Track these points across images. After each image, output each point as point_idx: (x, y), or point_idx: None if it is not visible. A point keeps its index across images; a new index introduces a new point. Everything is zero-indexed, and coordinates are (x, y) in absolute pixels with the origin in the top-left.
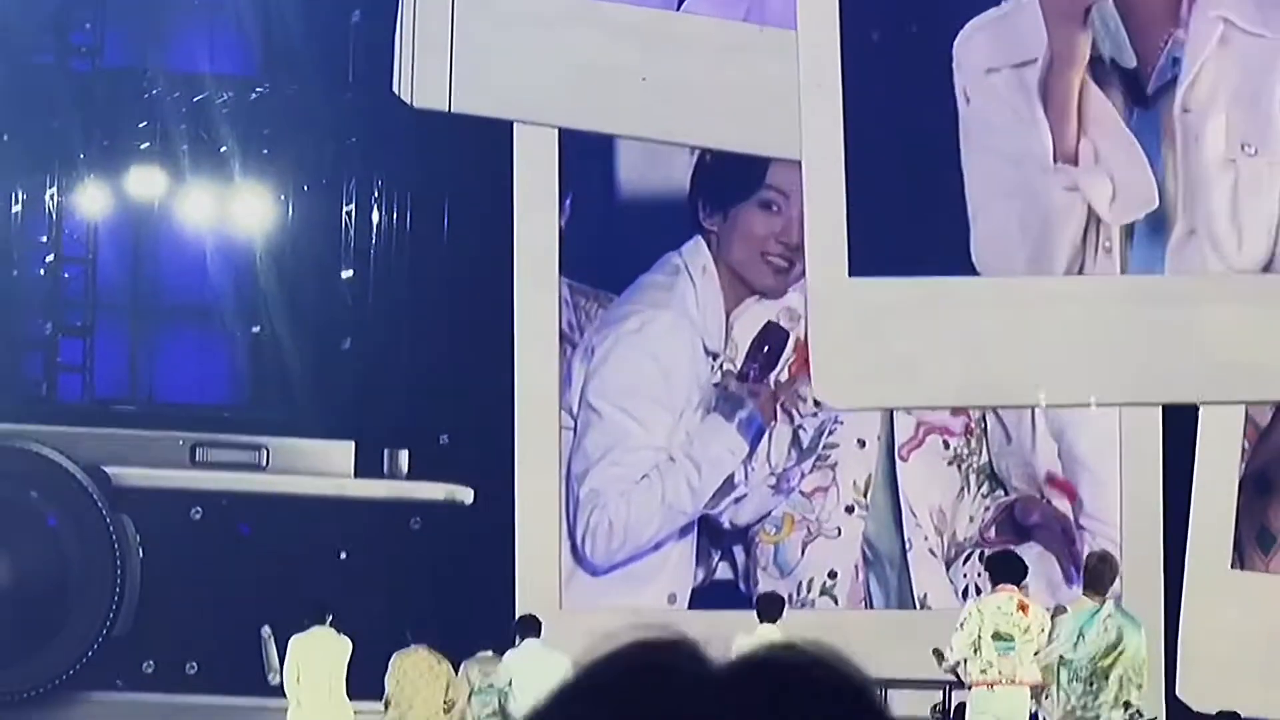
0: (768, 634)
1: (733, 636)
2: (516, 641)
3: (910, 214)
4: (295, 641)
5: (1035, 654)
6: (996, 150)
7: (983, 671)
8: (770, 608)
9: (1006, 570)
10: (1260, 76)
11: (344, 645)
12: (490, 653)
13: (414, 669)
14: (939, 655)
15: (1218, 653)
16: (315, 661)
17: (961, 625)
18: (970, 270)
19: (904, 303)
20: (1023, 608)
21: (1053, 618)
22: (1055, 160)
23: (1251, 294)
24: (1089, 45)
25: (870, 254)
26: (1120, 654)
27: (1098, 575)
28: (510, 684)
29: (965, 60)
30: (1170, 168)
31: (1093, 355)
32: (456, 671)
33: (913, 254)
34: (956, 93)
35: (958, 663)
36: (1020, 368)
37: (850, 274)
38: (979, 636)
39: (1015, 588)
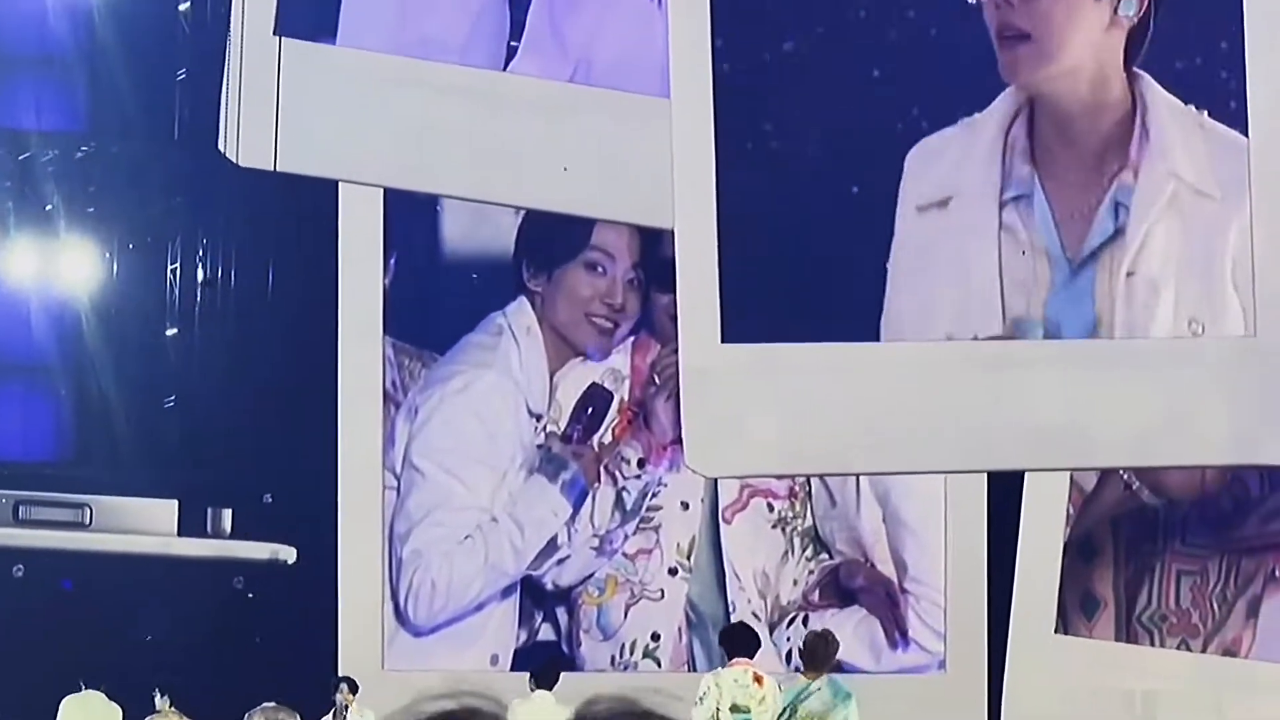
0: (542, 699)
1: (511, 703)
2: (339, 700)
3: (784, 280)
4: (66, 703)
5: None
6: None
7: None
8: (545, 675)
9: (741, 643)
10: (1209, 244)
11: (113, 712)
12: (274, 704)
13: None
14: None
15: (1041, 718)
16: None
17: (701, 699)
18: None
19: (776, 369)
20: (758, 679)
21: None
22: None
23: (1076, 360)
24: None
25: (744, 320)
26: None
27: (814, 653)
28: None
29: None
30: (1104, 327)
31: (918, 420)
32: None
33: (785, 320)
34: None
35: None
36: (849, 432)
37: (723, 340)
38: (717, 709)
39: (750, 660)
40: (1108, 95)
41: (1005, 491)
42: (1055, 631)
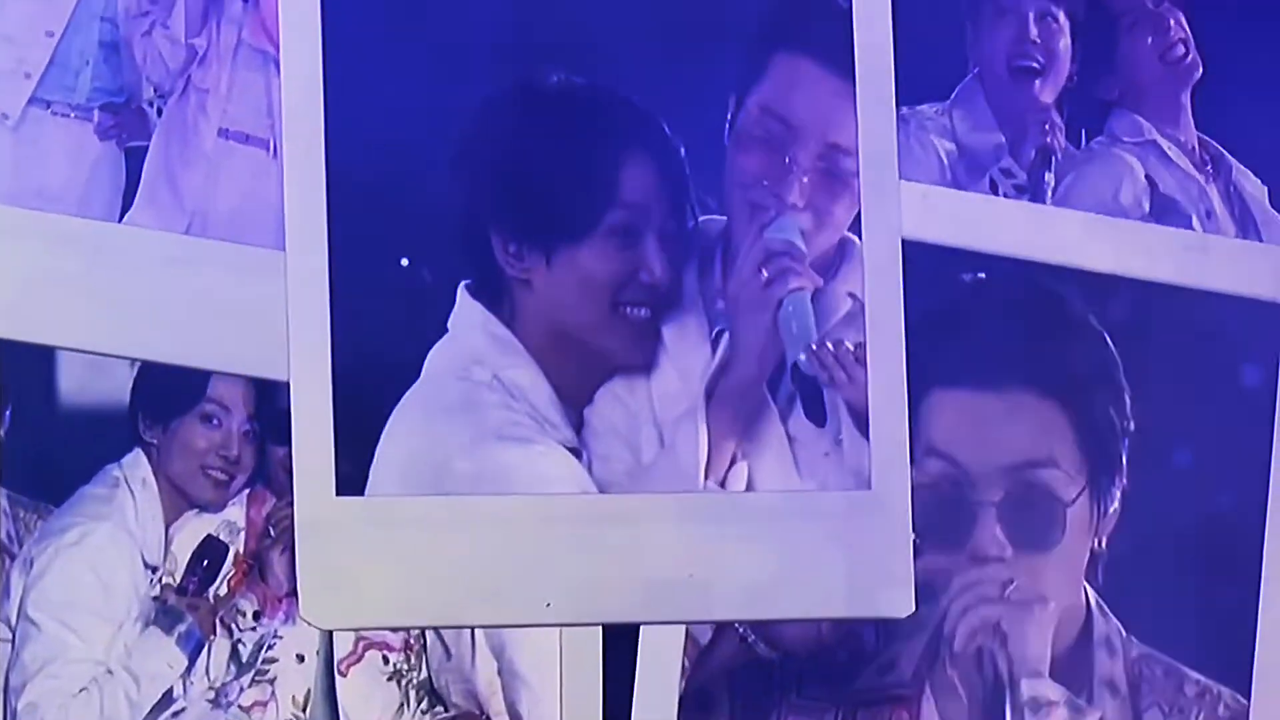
0: None
1: None
2: None
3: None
4: None
5: None
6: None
7: None
8: None
9: None
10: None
11: None
12: None
13: None
14: None
15: None
16: None
17: None
18: None
19: (392, 522)
20: None
21: None
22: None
23: (692, 512)
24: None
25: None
26: None
27: None
28: None
29: None
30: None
31: (533, 573)
32: None
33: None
34: None
35: None
36: (464, 585)
37: (338, 493)
38: None
39: None
40: None
41: (620, 644)
42: None
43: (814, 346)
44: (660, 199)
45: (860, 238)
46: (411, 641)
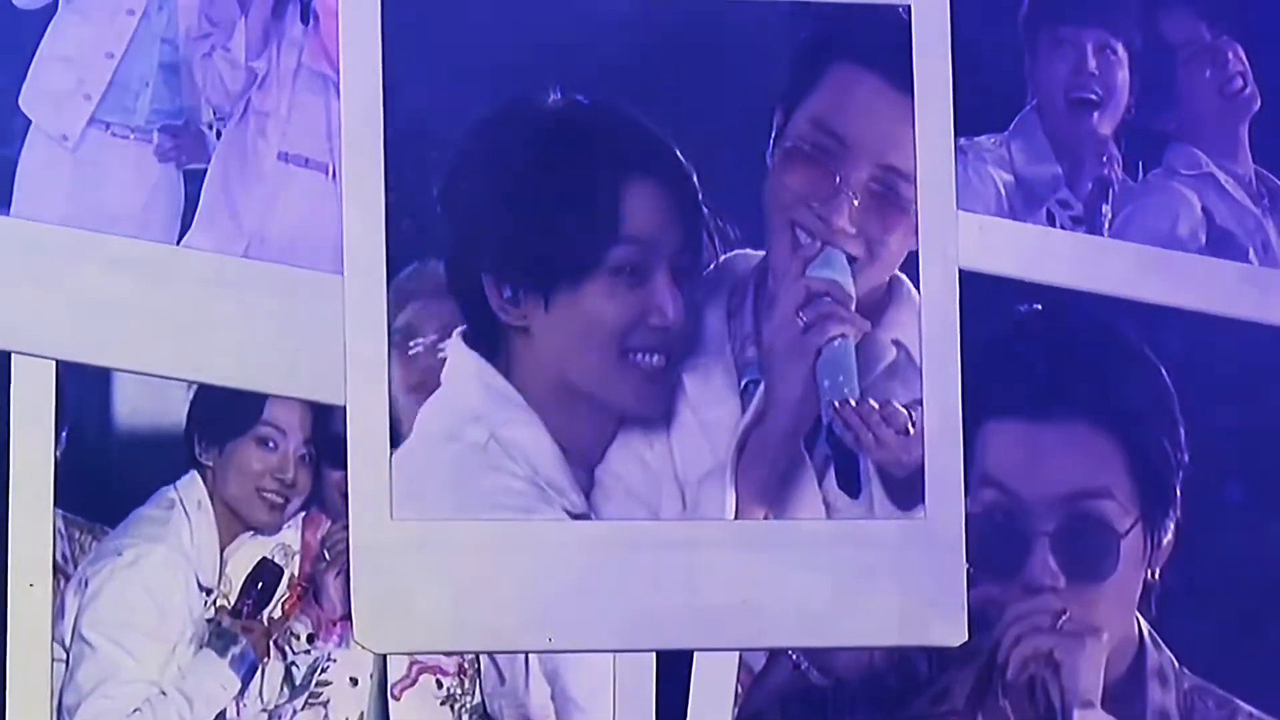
0: None
1: None
2: None
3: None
4: None
5: None
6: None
7: None
8: None
9: None
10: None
11: None
12: None
13: None
14: None
15: None
16: None
17: None
18: None
19: (447, 545)
20: None
21: None
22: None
23: (746, 540)
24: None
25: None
26: None
27: None
28: None
29: None
30: None
31: (587, 598)
32: None
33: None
34: None
35: None
36: (519, 610)
37: (393, 517)
38: None
39: None
40: None
41: (674, 671)
42: None
43: (836, 405)
44: (670, 231)
45: (911, 278)
46: (465, 666)
